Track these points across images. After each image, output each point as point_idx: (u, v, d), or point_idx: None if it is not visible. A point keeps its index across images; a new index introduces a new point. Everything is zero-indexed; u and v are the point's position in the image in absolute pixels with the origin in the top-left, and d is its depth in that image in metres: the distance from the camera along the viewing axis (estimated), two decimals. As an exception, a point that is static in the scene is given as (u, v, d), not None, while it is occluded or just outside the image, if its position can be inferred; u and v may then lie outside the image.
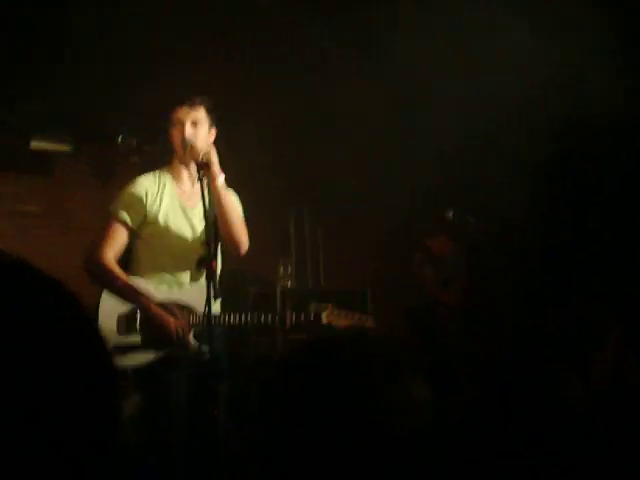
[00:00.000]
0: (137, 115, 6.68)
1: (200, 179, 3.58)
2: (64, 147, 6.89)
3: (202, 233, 3.73)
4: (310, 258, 8.34)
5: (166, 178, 3.85)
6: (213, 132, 3.86)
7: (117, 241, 3.71)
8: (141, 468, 3.61)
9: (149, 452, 3.56)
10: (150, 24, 5.41)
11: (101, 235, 3.73)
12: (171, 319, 3.57)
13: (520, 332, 6.03)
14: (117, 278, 3.63)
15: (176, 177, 3.88)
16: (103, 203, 7.03)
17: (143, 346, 3.62)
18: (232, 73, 5.99)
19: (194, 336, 3.66)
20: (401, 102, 5.90)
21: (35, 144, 6.74)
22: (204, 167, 3.60)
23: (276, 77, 6.07)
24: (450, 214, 5.83)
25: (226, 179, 3.73)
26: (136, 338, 3.63)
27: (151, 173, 3.89)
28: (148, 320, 3.60)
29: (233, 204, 3.81)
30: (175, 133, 3.77)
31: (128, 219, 3.71)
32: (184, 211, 3.82)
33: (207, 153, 3.62)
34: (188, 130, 3.74)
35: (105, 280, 3.65)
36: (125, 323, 3.65)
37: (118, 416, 0.85)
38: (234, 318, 3.78)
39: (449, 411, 1.22)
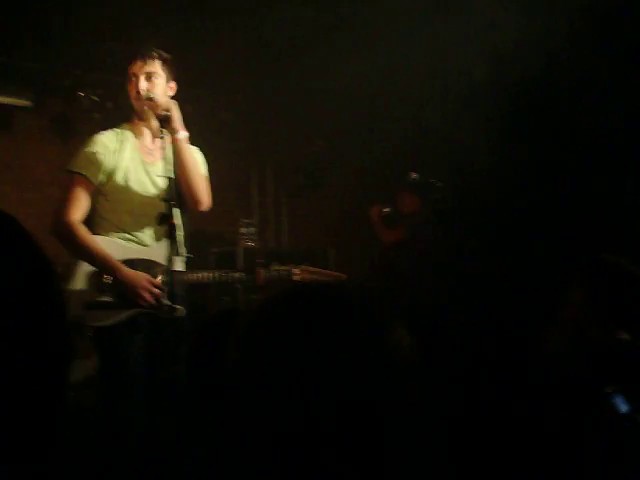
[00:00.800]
0: (100, 70, 6.58)
1: (161, 133, 3.54)
2: (24, 101, 6.78)
3: (162, 190, 3.70)
4: (273, 218, 8.35)
5: (126, 134, 3.78)
6: (173, 86, 3.80)
7: (81, 201, 3.62)
8: (98, 430, 3.61)
9: (107, 413, 3.55)
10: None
11: (64, 196, 3.63)
12: (142, 282, 3.53)
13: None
14: (85, 243, 3.55)
15: (136, 133, 3.81)
16: (62, 159, 7.05)
17: (114, 305, 3.58)
18: (198, 29, 5.90)
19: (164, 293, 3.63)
20: (374, 67, 5.87)
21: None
22: (165, 121, 3.55)
23: (243, 34, 5.99)
24: (414, 175, 5.91)
25: (190, 137, 3.69)
26: (107, 298, 3.59)
27: (110, 130, 3.80)
28: (119, 284, 3.56)
29: (195, 160, 3.75)
30: (130, 87, 3.71)
31: (90, 176, 3.63)
32: (145, 166, 3.75)
33: (167, 106, 3.58)
34: (142, 83, 3.68)
35: (74, 244, 3.56)
36: (97, 282, 3.61)
37: (68, 353, 0.85)
38: (202, 275, 3.78)
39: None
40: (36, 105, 6.85)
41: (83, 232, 3.59)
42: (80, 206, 3.61)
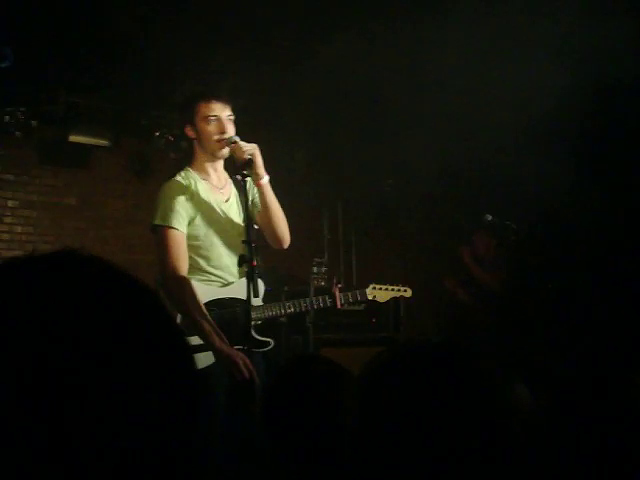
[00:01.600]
0: (175, 110, 6.71)
1: (243, 178, 3.57)
2: (102, 141, 6.95)
3: (240, 229, 3.74)
4: (343, 257, 8.35)
5: (194, 176, 3.79)
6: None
7: (182, 250, 3.63)
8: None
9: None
10: (188, 23, 5.45)
11: (164, 252, 3.62)
12: (239, 358, 3.53)
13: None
14: (197, 304, 3.55)
15: (202, 173, 3.81)
16: (139, 197, 7.20)
17: (205, 347, 3.59)
18: (263, 74, 5.99)
19: (253, 328, 3.68)
20: (439, 100, 5.86)
21: (74, 137, 6.81)
22: (248, 165, 3.58)
23: (308, 75, 6.05)
24: (488, 217, 5.88)
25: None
26: (199, 340, 3.60)
27: (177, 175, 3.79)
28: (220, 360, 3.56)
29: (277, 202, 3.79)
30: (208, 128, 3.71)
31: (180, 226, 3.64)
32: (219, 206, 3.80)
33: (252, 151, 3.61)
34: (227, 125, 3.71)
35: (185, 301, 3.55)
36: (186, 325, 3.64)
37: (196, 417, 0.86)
38: (284, 306, 3.86)
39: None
40: (113, 144, 7.02)
41: (194, 292, 3.59)
42: (183, 256, 3.62)
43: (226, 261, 3.75)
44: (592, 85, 5.04)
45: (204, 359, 3.53)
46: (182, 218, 3.66)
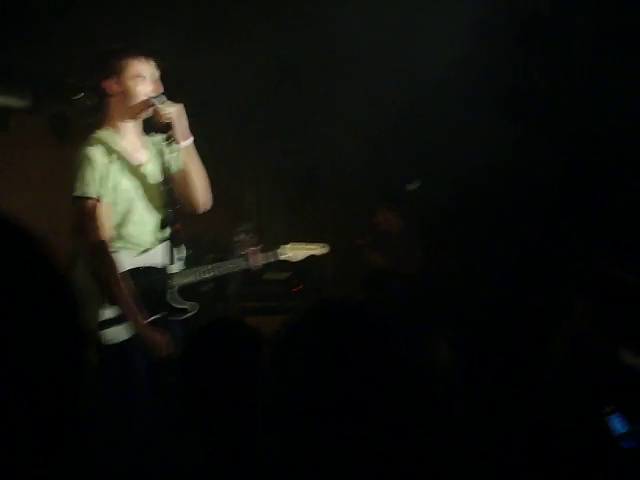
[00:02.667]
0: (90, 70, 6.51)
1: (167, 141, 3.48)
2: (22, 102, 6.73)
3: (160, 192, 3.65)
4: (270, 226, 8.30)
5: (111, 138, 3.63)
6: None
7: (102, 221, 3.50)
8: (101, 436, 3.57)
9: (109, 418, 3.50)
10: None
11: (86, 224, 3.50)
12: (157, 338, 3.47)
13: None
14: (118, 282, 3.47)
15: (119, 134, 3.66)
16: (59, 162, 7.00)
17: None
18: (195, 29, 5.88)
19: (170, 295, 3.63)
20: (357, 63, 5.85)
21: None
22: (166, 129, 3.49)
23: (240, 32, 5.97)
24: (413, 185, 5.89)
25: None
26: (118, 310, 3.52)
27: (94, 137, 3.62)
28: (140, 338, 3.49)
29: (200, 165, 3.70)
30: (135, 87, 3.58)
31: (97, 194, 3.52)
32: (135, 170, 3.67)
33: (172, 116, 3.51)
34: (151, 86, 3.59)
35: (106, 275, 3.46)
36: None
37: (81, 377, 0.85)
38: (203, 271, 3.79)
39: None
40: (33, 106, 6.80)
41: (116, 266, 3.51)
42: (103, 229, 3.51)
43: (145, 227, 3.65)
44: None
45: (123, 331, 3.46)
46: (100, 186, 3.53)
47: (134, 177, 3.66)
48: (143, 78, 3.58)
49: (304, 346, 1.08)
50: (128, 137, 3.69)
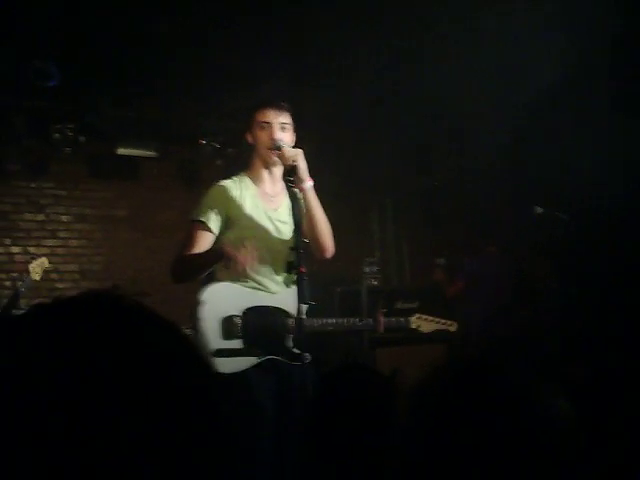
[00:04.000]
0: (220, 118, 6.76)
1: (288, 183, 3.58)
2: (149, 152, 7.03)
3: (288, 236, 3.74)
4: (394, 256, 8.32)
5: (246, 181, 3.80)
6: (294, 138, 3.85)
7: (199, 245, 3.65)
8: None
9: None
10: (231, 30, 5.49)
11: (184, 242, 3.69)
12: (242, 253, 3.57)
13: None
14: (192, 255, 3.62)
15: (256, 179, 3.81)
16: (188, 206, 7.27)
17: (245, 351, 3.62)
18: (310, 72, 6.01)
19: (292, 340, 3.68)
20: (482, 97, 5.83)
21: (122, 150, 6.90)
22: (293, 171, 3.59)
23: (357, 69, 6.06)
24: (538, 209, 5.78)
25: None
26: (238, 343, 3.63)
27: (230, 178, 3.82)
28: (249, 328, 3.59)
29: (321, 208, 3.78)
30: (261, 134, 3.73)
31: (210, 223, 3.66)
32: (267, 213, 3.79)
33: (296, 157, 3.62)
34: (279, 132, 3.73)
35: (185, 266, 3.64)
36: (227, 327, 3.66)
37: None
38: (326, 322, 3.84)
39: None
40: (161, 155, 7.10)
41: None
42: (197, 250, 3.64)
43: (268, 268, 3.73)
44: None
45: (243, 362, 3.56)
46: (215, 217, 3.67)
47: (262, 219, 3.77)
48: (269, 125, 3.72)
49: (438, 404, 1.13)
50: (265, 183, 3.84)
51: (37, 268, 5.42)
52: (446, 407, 1.11)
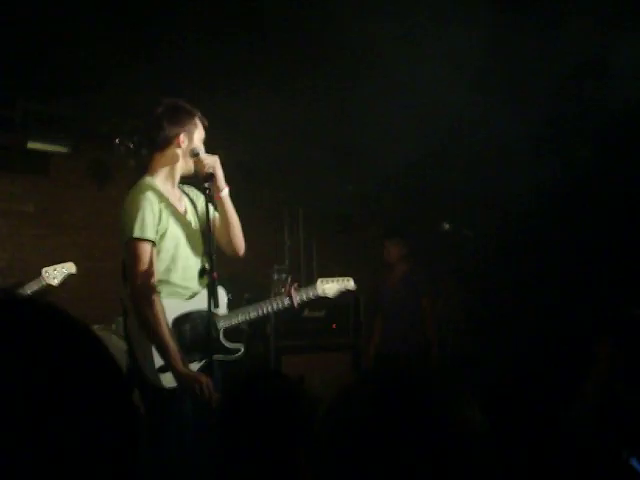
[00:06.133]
0: (135, 118, 6.69)
1: (205, 191, 3.61)
2: (61, 148, 6.91)
3: (199, 240, 3.78)
4: (305, 264, 8.38)
5: (157, 187, 3.76)
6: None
7: (152, 264, 3.59)
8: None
9: (157, 463, 3.57)
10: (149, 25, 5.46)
11: (133, 263, 3.58)
12: (201, 379, 3.54)
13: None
14: (161, 327, 3.54)
15: (163, 182, 3.79)
16: (98, 205, 7.19)
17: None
18: (229, 74, 6.01)
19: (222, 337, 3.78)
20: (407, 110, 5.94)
21: (32, 144, 6.76)
22: (210, 179, 3.63)
23: (273, 78, 6.09)
24: (446, 226, 5.94)
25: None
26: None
27: (146, 183, 3.75)
28: (182, 382, 3.55)
29: (234, 212, 3.84)
30: (178, 141, 3.71)
31: (154, 237, 3.61)
32: (180, 218, 3.81)
33: (214, 164, 3.67)
34: (200, 145, 3.76)
35: (152, 322, 3.53)
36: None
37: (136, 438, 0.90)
38: (253, 311, 3.93)
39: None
40: (73, 151, 6.98)
41: (161, 312, 3.58)
42: (153, 273, 3.59)
43: (191, 272, 3.77)
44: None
45: (171, 379, 3.57)
46: (155, 231, 3.64)
47: (180, 224, 3.79)
48: (191, 137, 3.76)
49: (356, 416, 1.19)
50: (169, 186, 3.83)
51: (56, 272, 5.07)
52: (370, 420, 1.16)
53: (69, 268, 5.13)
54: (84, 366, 0.87)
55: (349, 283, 4.55)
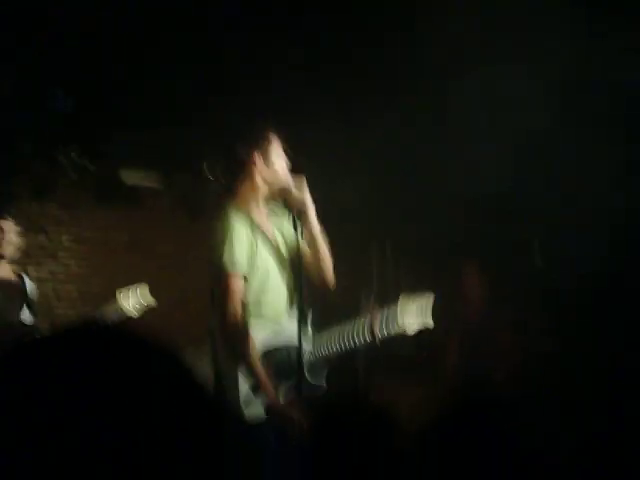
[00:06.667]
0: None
1: (295, 224, 3.58)
2: (153, 181, 7.02)
3: (287, 268, 3.73)
4: (392, 292, 8.29)
5: (245, 216, 3.66)
6: None
7: (242, 298, 3.54)
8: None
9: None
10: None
11: (227, 296, 3.53)
12: (293, 414, 3.47)
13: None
14: (252, 359, 3.49)
15: (250, 211, 3.70)
16: (189, 237, 7.24)
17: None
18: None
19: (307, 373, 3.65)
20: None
21: (127, 178, 6.89)
22: (301, 214, 3.59)
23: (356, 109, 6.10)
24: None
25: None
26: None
27: (232, 211, 3.64)
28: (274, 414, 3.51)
29: (325, 246, 3.77)
30: (273, 172, 3.67)
31: (245, 270, 3.56)
32: (268, 245, 3.71)
33: (304, 202, 3.62)
34: (282, 169, 3.71)
35: (245, 355, 3.50)
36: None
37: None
38: (337, 342, 3.84)
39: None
40: (166, 185, 7.09)
41: (254, 347, 3.54)
42: (242, 307, 3.55)
43: (281, 303, 3.70)
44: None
45: (255, 411, 3.53)
46: (246, 263, 3.58)
47: (270, 252, 3.72)
48: (273, 162, 3.72)
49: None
50: (255, 214, 3.74)
51: (132, 301, 5.08)
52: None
53: (143, 293, 5.13)
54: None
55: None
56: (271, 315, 3.68)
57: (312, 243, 3.71)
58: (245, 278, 3.58)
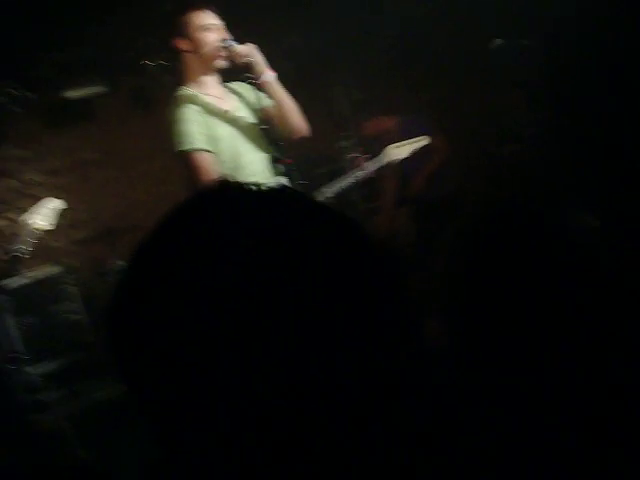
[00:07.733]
0: (152, 35, 6.50)
1: (249, 81, 3.52)
2: (100, 89, 6.86)
3: (256, 130, 3.69)
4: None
5: (195, 93, 3.63)
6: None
7: (212, 172, 3.47)
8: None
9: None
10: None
11: (198, 174, 3.47)
12: None
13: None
14: None
15: (202, 88, 3.67)
16: (151, 132, 7.09)
17: None
18: None
19: None
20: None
21: (71, 93, 6.73)
22: (248, 68, 3.52)
23: None
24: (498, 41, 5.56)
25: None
26: None
27: (180, 96, 3.60)
28: None
29: (287, 95, 3.71)
30: (201, 37, 3.56)
31: (205, 145, 3.50)
32: (228, 118, 3.67)
33: (250, 52, 3.54)
34: (216, 34, 3.60)
35: None
36: None
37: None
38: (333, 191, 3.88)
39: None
40: (112, 89, 6.92)
41: None
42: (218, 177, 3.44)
43: (256, 167, 3.67)
44: None
45: None
46: (205, 139, 3.53)
47: (229, 124, 3.67)
48: (208, 28, 3.59)
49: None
50: (211, 90, 3.71)
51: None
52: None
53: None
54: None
55: (423, 141, 4.42)
56: (250, 179, 3.63)
57: (276, 100, 3.68)
58: (211, 153, 3.54)
